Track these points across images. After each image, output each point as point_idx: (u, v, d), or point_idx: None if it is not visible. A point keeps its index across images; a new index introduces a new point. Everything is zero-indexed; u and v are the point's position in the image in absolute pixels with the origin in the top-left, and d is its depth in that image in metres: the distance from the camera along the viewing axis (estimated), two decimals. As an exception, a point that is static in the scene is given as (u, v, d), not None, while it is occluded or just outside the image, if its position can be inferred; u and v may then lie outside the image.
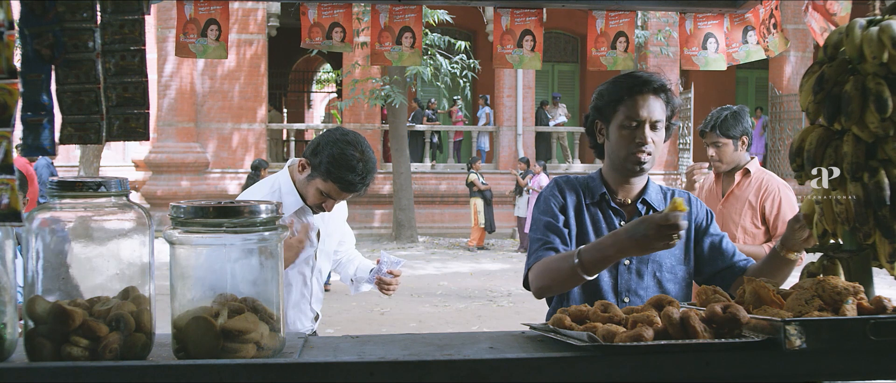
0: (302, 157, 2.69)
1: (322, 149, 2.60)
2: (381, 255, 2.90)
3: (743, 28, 3.34)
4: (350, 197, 2.69)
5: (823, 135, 1.95)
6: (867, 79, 1.85)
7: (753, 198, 3.60)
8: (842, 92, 1.89)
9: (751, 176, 3.67)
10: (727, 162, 3.71)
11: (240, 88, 17.09)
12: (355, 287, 3.07)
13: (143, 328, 1.59)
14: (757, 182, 3.64)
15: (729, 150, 3.68)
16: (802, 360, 1.56)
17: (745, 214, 3.61)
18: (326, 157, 2.58)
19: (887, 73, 1.83)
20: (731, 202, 3.70)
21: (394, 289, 2.88)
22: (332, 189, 2.60)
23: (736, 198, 3.69)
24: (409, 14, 3.34)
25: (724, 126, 3.65)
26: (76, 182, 1.59)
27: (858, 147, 1.87)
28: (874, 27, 1.85)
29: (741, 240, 3.61)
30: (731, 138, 3.66)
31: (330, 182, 2.59)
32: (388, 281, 2.86)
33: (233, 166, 16.91)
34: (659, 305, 1.74)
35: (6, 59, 1.55)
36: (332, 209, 2.69)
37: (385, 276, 2.85)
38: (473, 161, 15.15)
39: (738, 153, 3.69)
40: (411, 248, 14.90)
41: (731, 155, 3.69)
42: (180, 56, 3.28)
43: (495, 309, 8.73)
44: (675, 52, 16.47)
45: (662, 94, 2.19)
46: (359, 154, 2.58)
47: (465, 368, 1.53)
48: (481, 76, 16.10)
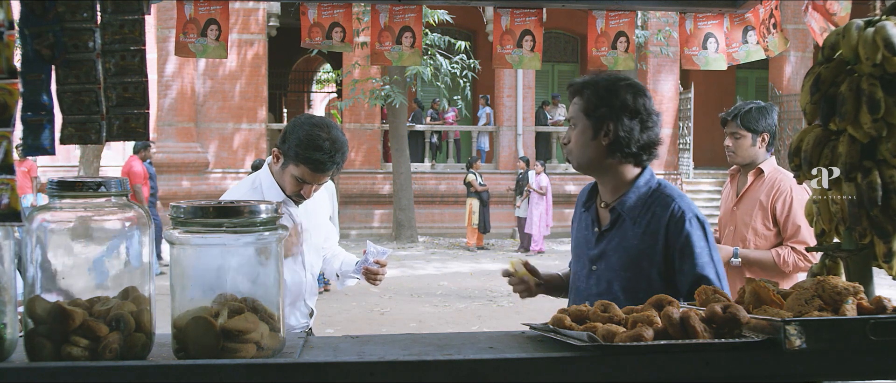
0: (274, 148, 2.73)
1: (290, 136, 2.65)
2: (367, 246, 2.92)
3: (743, 28, 3.34)
4: (324, 179, 2.72)
5: (821, 136, 1.96)
6: (862, 80, 1.85)
7: (764, 199, 3.42)
8: (837, 93, 1.89)
9: (764, 176, 3.48)
10: (742, 156, 3.52)
11: (240, 88, 17.09)
12: (341, 281, 3.08)
13: (143, 328, 1.59)
14: (770, 182, 3.45)
15: (746, 144, 3.49)
16: (802, 360, 1.56)
17: (755, 216, 3.44)
18: (294, 142, 2.63)
19: (882, 74, 1.83)
20: (744, 203, 3.53)
21: (381, 279, 2.90)
22: (304, 172, 2.64)
23: (748, 199, 3.51)
24: (409, 14, 3.34)
25: (745, 118, 3.46)
26: (76, 182, 1.59)
27: (853, 147, 1.87)
28: (871, 28, 1.86)
29: (752, 243, 3.44)
30: (750, 131, 3.46)
31: (301, 165, 2.63)
32: (375, 271, 2.87)
33: (233, 166, 16.91)
34: (659, 305, 1.74)
35: (6, 59, 1.55)
36: (310, 194, 2.72)
37: (372, 266, 2.86)
38: (473, 161, 15.15)
39: (755, 149, 3.49)
40: (411, 248, 14.90)
41: (748, 149, 3.50)
42: (180, 56, 3.28)
43: (495, 309, 8.73)
44: (675, 51, 16.47)
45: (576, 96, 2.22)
46: (325, 134, 2.62)
47: (465, 368, 1.53)
48: (481, 76, 16.10)
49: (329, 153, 2.61)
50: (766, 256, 3.38)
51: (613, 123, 2.14)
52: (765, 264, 3.37)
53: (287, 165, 2.68)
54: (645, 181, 2.21)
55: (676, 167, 18.44)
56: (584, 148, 2.19)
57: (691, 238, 2.09)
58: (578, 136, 2.20)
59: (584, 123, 2.19)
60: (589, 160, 2.20)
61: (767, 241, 3.42)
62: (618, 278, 2.18)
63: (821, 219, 1.99)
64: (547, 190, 14.21)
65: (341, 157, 2.65)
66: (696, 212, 2.16)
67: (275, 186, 2.75)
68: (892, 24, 1.84)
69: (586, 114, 2.18)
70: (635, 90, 2.17)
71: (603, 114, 2.15)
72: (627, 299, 2.09)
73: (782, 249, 3.36)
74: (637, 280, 2.14)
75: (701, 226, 2.12)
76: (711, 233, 2.16)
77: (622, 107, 2.14)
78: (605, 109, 2.15)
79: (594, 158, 2.19)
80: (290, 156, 2.65)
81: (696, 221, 2.12)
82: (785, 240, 3.39)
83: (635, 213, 2.17)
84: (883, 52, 1.80)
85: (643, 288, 2.09)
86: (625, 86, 2.16)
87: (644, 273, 2.14)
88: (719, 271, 2.13)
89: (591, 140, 2.18)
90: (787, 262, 3.32)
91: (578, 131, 2.20)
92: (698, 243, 2.10)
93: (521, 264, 2.45)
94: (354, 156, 17.57)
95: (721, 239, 3.64)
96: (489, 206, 14.92)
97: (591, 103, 2.17)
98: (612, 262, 2.20)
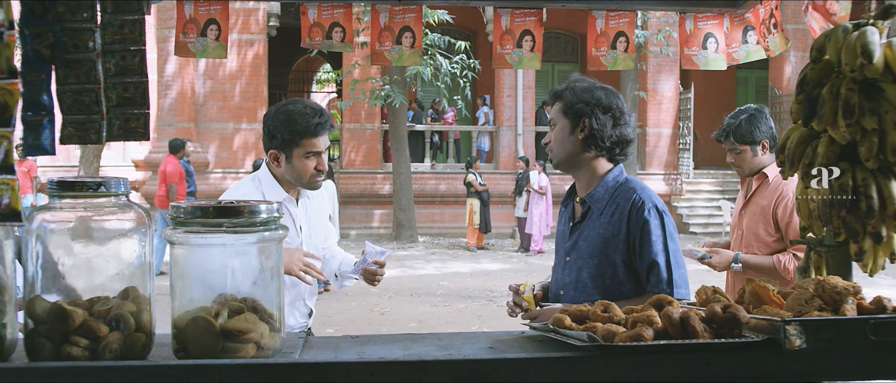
0: (269, 152, 2.73)
1: (273, 129, 2.67)
2: (366, 246, 2.90)
3: (743, 28, 3.34)
4: (327, 142, 2.74)
5: (805, 135, 2.02)
6: (842, 84, 1.90)
7: (766, 204, 3.34)
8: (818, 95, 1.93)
9: (769, 180, 3.39)
10: (748, 168, 3.44)
11: (240, 89, 17.08)
12: (339, 282, 3.07)
13: (143, 328, 1.59)
14: (774, 186, 3.35)
15: (748, 157, 3.41)
16: (802, 360, 1.56)
17: (758, 221, 3.37)
18: (282, 129, 2.64)
19: (864, 79, 1.86)
20: (750, 209, 3.45)
21: (379, 280, 2.89)
22: (308, 144, 2.65)
23: (754, 204, 3.43)
24: (409, 14, 3.34)
25: (738, 133, 3.38)
26: (76, 182, 1.59)
27: (831, 148, 1.92)
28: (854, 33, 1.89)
29: (755, 249, 3.38)
30: (748, 144, 3.38)
31: (302, 141, 2.64)
32: (374, 271, 2.86)
33: (233, 166, 16.91)
34: (659, 305, 1.74)
35: (6, 59, 1.55)
36: (325, 166, 2.74)
37: (370, 267, 2.85)
38: (472, 161, 15.14)
39: (758, 158, 3.40)
40: (411, 248, 14.90)
41: (751, 161, 3.41)
42: (180, 56, 3.28)
43: (495, 309, 8.73)
44: (675, 51, 16.46)
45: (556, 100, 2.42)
46: (299, 105, 2.68)
47: (465, 368, 1.53)
48: (481, 76, 16.09)
49: (316, 113, 2.66)
50: (767, 261, 3.32)
51: (588, 118, 2.33)
52: (765, 270, 3.30)
53: (291, 155, 2.67)
54: (614, 176, 2.38)
55: (676, 167, 18.43)
56: (563, 143, 2.38)
57: (649, 225, 2.26)
58: (557, 133, 2.40)
59: (562, 122, 2.39)
60: (567, 154, 2.38)
61: (768, 247, 3.35)
62: (586, 265, 2.34)
63: (801, 215, 2.04)
64: (547, 190, 14.21)
65: (327, 115, 2.71)
66: (657, 202, 2.31)
67: (276, 186, 2.74)
68: (874, 29, 1.87)
69: (564, 113, 2.38)
70: (609, 92, 2.39)
71: (579, 111, 2.35)
72: (594, 285, 2.30)
73: (783, 255, 3.29)
74: (603, 266, 2.30)
75: (659, 216, 2.28)
76: (671, 224, 2.31)
77: (596, 103, 2.34)
78: (581, 105, 2.35)
79: (572, 152, 2.37)
80: (288, 143, 2.65)
81: (654, 211, 2.28)
82: (788, 246, 3.31)
83: (602, 205, 2.35)
84: (860, 59, 1.83)
85: (609, 274, 2.29)
86: (599, 88, 2.39)
87: (609, 260, 2.30)
88: (673, 260, 2.27)
89: (569, 135, 2.37)
90: (787, 269, 3.25)
91: (558, 129, 2.40)
92: (654, 232, 2.26)
93: (532, 292, 2.46)
94: (354, 156, 17.57)
95: (732, 242, 3.57)
96: (489, 206, 14.92)
97: (569, 103, 2.37)
98: (581, 251, 2.36)
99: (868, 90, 1.87)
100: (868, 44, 1.83)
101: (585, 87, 2.38)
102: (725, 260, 3.37)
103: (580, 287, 2.33)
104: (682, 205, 17.74)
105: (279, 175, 2.75)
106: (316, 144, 2.67)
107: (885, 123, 1.85)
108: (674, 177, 18.22)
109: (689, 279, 2.30)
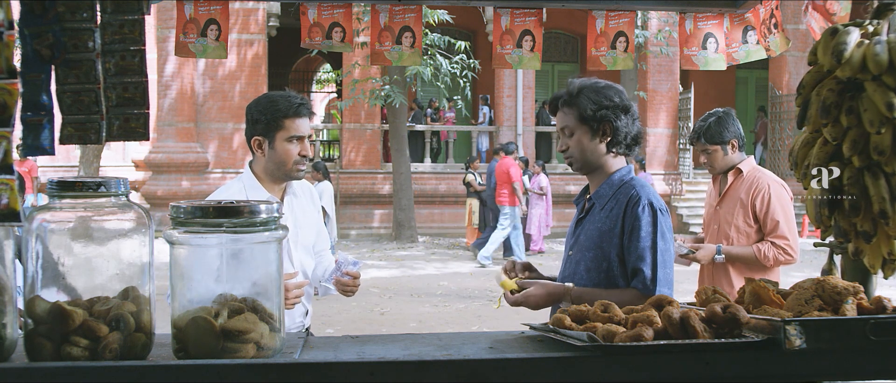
0: (252, 140, 2.71)
1: (256, 115, 2.68)
2: (339, 256, 2.85)
3: (743, 28, 3.34)
4: (309, 124, 2.75)
5: (809, 137, 2.05)
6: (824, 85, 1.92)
7: (744, 197, 3.61)
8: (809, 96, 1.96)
9: (743, 175, 3.67)
10: (720, 167, 3.74)
11: (240, 89, 17.07)
12: (323, 290, 3.03)
13: (143, 328, 1.59)
14: (749, 180, 3.64)
15: (719, 156, 3.71)
16: (802, 360, 1.56)
17: (737, 213, 3.63)
18: (264, 112, 2.66)
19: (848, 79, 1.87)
20: (726, 203, 3.72)
21: (353, 291, 2.84)
22: (291, 127, 2.66)
23: (730, 198, 3.70)
24: (409, 14, 3.34)
25: (708, 135, 3.68)
26: (76, 182, 1.59)
27: (823, 149, 1.93)
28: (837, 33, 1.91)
29: (734, 240, 3.62)
30: (718, 144, 3.68)
31: (284, 122, 2.65)
32: (346, 282, 2.81)
33: (233, 166, 16.90)
34: (659, 305, 1.74)
35: (6, 59, 1.55)
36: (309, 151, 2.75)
37: (343, 278, 2.81)
38: (472, 161, 15.14)
39: (729, 157, 3.70)
40: (411, 248, 14.90)
41: (722, 160, 3.71)
42: (180, 56, 3.28)
43: (495, 310, 8.73)
44: (675, 52, 16.46)
45: (566, 106, 2.39)
46: (278, 93, 2.73)
47: (465, 368, 1.53)
48: (481, 76, 16.09)
49: (297, 97, 2.70)
50: (748, 251, 3.55)
51: (611, 123, 2.34)
52: (747, 259, 3.56)
53: (274, 139, 2.66)
54: (620, 175, 2.40)
55: (676, 167, 18.44)
56: (585, 150, 2.38)
57: (639, 221, 2.28)
58: (577, 142, 2.39)
59: (581, 129, 2.37)
60: (594, 160, 2.39)
61: (748, 238, 3.61)
62: (584, 259, 2.38)
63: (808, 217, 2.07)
64: (546, 190, 14.21)
65: (308, 102, 2.75)
66: (654, 200, 2.32)
67: (258, 187, 2.71)
68: (854, 29, 1.88)
69: (582, 120, 2.36)
70: (617, 90, 2.40)
71: (603, 117, 2.34)
72: (589, 278, 2.34)
73: (762, 244, 3.55)
74: (599, 260, 2.34)
75: (653, 213, 2.29)
76: (665, 223, 2.31)
77: (615, 106, 2.34)
78: (604, 111, 2.33)
79: (596, 157, 2.38)
80: (271, 126, 2.65)
81: (649, 208, 2.30)
82: (766, 236, 3.56)
83: (604, 201, 2.38)
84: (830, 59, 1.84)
85: (604, 268, 2.32)
86: (607, 87, 2.39)
87: (605, 253, 2.33)
88: (660, 258, 2.27)
89: (591, 141, 2.37)
90: (767, 257, 3.51)
91: (577, 137, 2.38)
92: (645, 228, 2.28)
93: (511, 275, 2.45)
94: (354, 156, 17.57)
95: (706, 238, 3.82)
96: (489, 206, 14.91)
97: (586, 110, 2.34)
98: (582, 245, 2.41)
99: (853, 90, 1.87)
100: (840, 44, 1.84)
101: (599, 89, 2.37)
102: (709, 253, 3.61)
103: (577, 279, 2.37)
104: (682, 206, 17.74)
105: (262, 170, 2.72)
106: (298, 127, 2.66)
107: (864, 121, 1.84)
108: (674, 177, 18.22)
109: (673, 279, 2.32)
